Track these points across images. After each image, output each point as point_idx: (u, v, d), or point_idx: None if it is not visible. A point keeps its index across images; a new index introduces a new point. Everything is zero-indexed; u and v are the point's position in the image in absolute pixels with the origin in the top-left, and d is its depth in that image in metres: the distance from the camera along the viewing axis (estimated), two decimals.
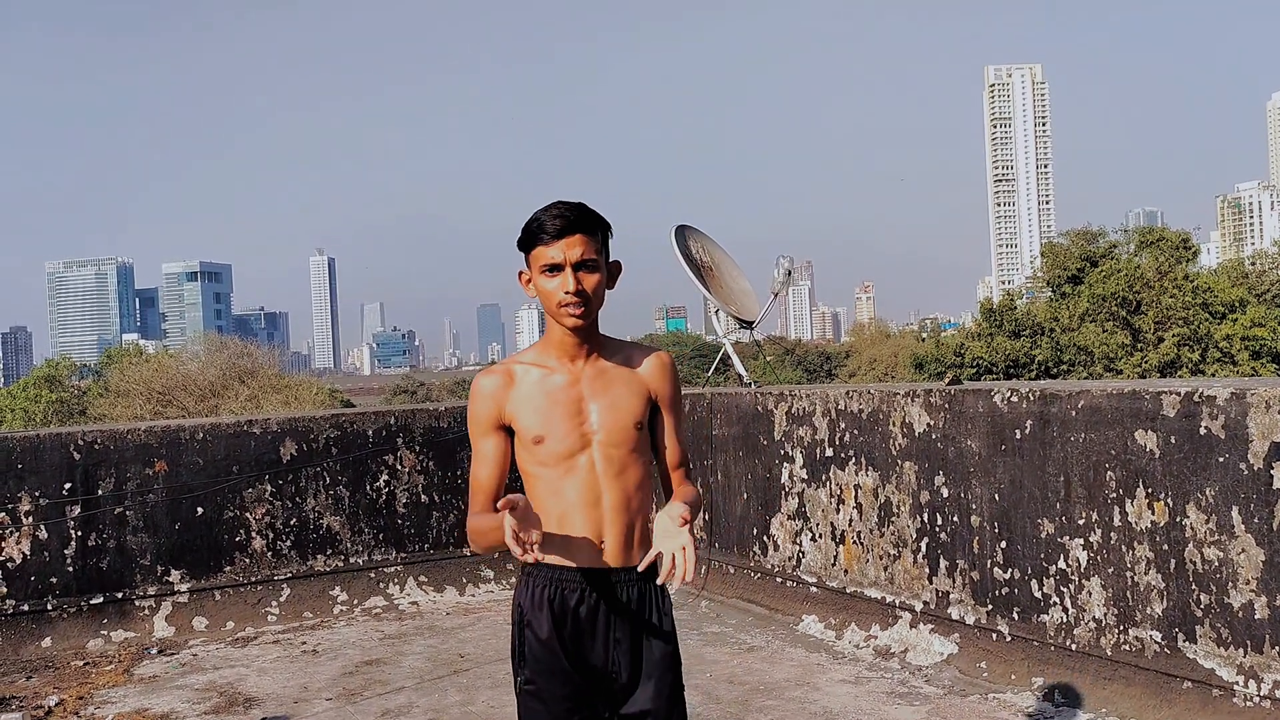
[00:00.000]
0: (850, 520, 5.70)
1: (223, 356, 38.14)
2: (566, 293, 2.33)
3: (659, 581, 2.30)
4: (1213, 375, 31.26)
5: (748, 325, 7.07)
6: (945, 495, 5.11)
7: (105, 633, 5.95)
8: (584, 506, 2.40)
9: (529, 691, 2.42)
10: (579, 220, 2.34)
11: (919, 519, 5.26)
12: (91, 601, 5.99)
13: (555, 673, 2.38)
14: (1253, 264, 42.41)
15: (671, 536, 2.26)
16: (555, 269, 2.34)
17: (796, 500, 6.07)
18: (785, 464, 6.14)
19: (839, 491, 5.77)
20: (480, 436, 2.46)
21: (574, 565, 2.41)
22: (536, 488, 2.44)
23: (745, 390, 6.64)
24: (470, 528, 2.45)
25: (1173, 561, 4.09)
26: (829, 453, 5.83)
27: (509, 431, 2.45)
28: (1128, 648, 4.27)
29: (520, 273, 2.44)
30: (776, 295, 7.20)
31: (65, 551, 5.95)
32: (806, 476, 5.99)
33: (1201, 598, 3.99)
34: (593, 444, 2.41)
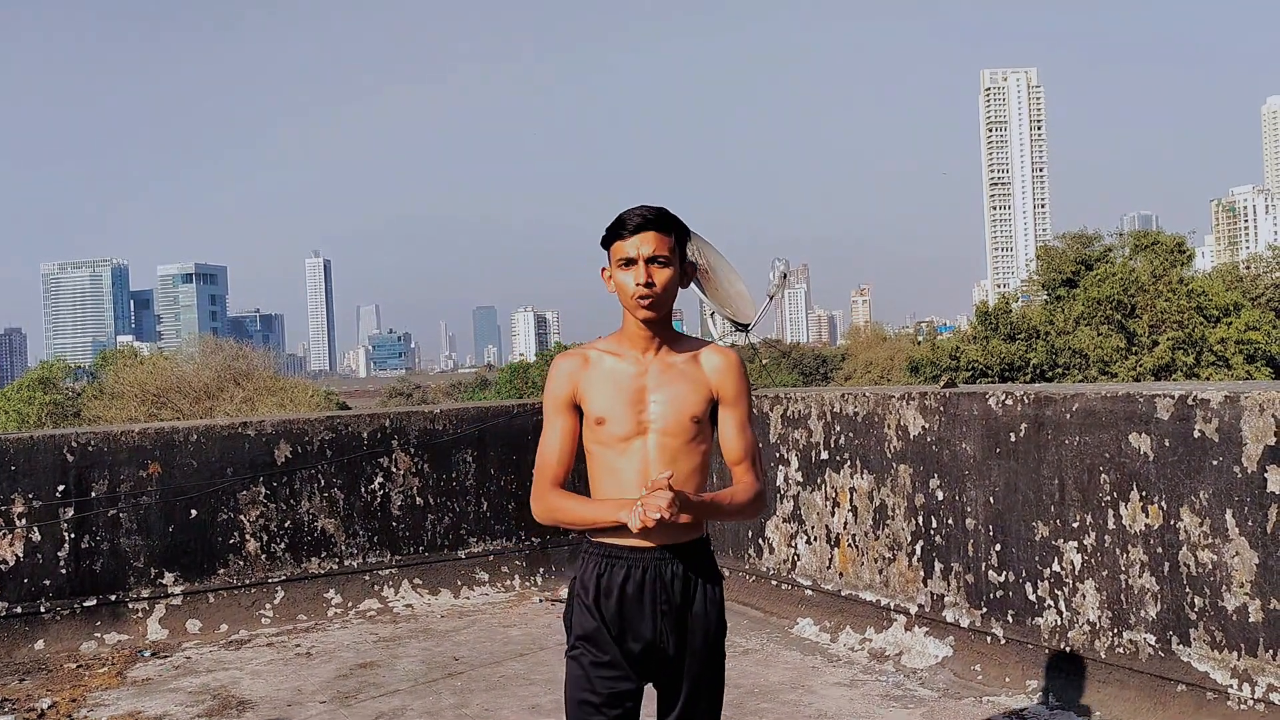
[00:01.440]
0: (845, 523, 5.70)
1: (218, 358, 38.07)
2: (638, 284, 2.52)
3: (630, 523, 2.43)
4: (1207, 379, 31.32)
5: (743, 328, 7.07)
6: (940, 498, 5.11)
7: (98, 635, 5.94)
8: (636, 488, 2.54)
9: (572, 657, 2.59)
10: (655, 220, 2.55)
11: (914, 522, 5.27)
12: (85, 604, 5.97)
13: (598, 642, 2.54)
14: (1247, 268, 42.53)
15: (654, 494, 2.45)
16: (630, 263, 2.54)
17: (792, 503, 6.07)
18: (780, 467, 6.14)
19: (834, 494, 5.77)
20: (554, 413, 2.64)
21: (624, 544, 2.55)
22: (595, 465, 2.62)
23: None
24: (550, 500, 2.59)
25: (1167, 564, 4.09)
26: (824, 455, 5.83)
27: (579, 412, 2.63)
28: (1122, 650, 4.27)
29: (602, 269, 2.64)
30: (772, 298, 7.21)
31: (58, 554, 5.93)
32: (802, 479, 5.99)
33: (1196, 601, 3.99)
34: (649, 431, 2.58)
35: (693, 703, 2.60)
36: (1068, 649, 4.50)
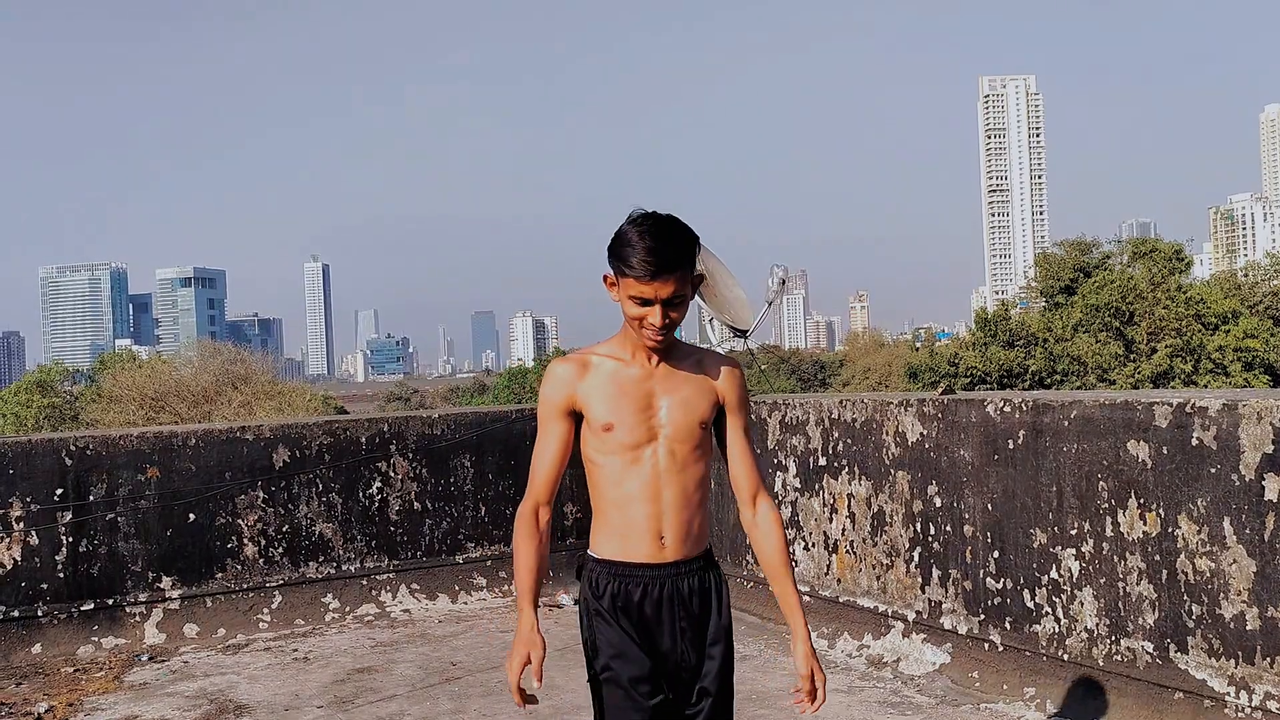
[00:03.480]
0: (843, 529, 5.70)
1: (216, 363, 38.05)
2: (653, 325, 2.41)
3: (799, 707, 2.54)
4: (1205, 386, 31.36)
5: (742, 334, 7.07)
6: (938, 505, 5.12)
7: (96, 639, 5.93)
8: (644, 500, 2.49)
9: (609, 679, 2.49)
10: (675, 259, 2.38)
11: (912, 528, 5.27)
12: (82, 608, 5.97)
13: (631, 659, 2.47)
14: (1245, 275, 42.54)
15: (818, 669, 2.56)
16: (646, 302, 2.41)
17: (789, 509, 6.07)
18: (779, 473, 6.14)
19: (832, 501, 5.77)
20: (548, 419, 2.55)
21: (636, 561, 2.50)
22: (598, 475, 2.53)
23: None
24: (517, 532, 2.57)
25: (1164, 572, 4.10)
26: (822, 462, 5.83)
27: (576, 419, 2.54)
28: (1120, 658, 4.27)
29: (606, 276, 2.50)
30: (771, 304, 7.21)
31: (56, 557, 5.92)
32: (800, 485, 6.00)
33: (1193, 608, 4.00)
34: (659, 438, 2.49)
35: (715, 713, 2.55)
36: (1065, 656, 4.50)
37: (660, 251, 2.36)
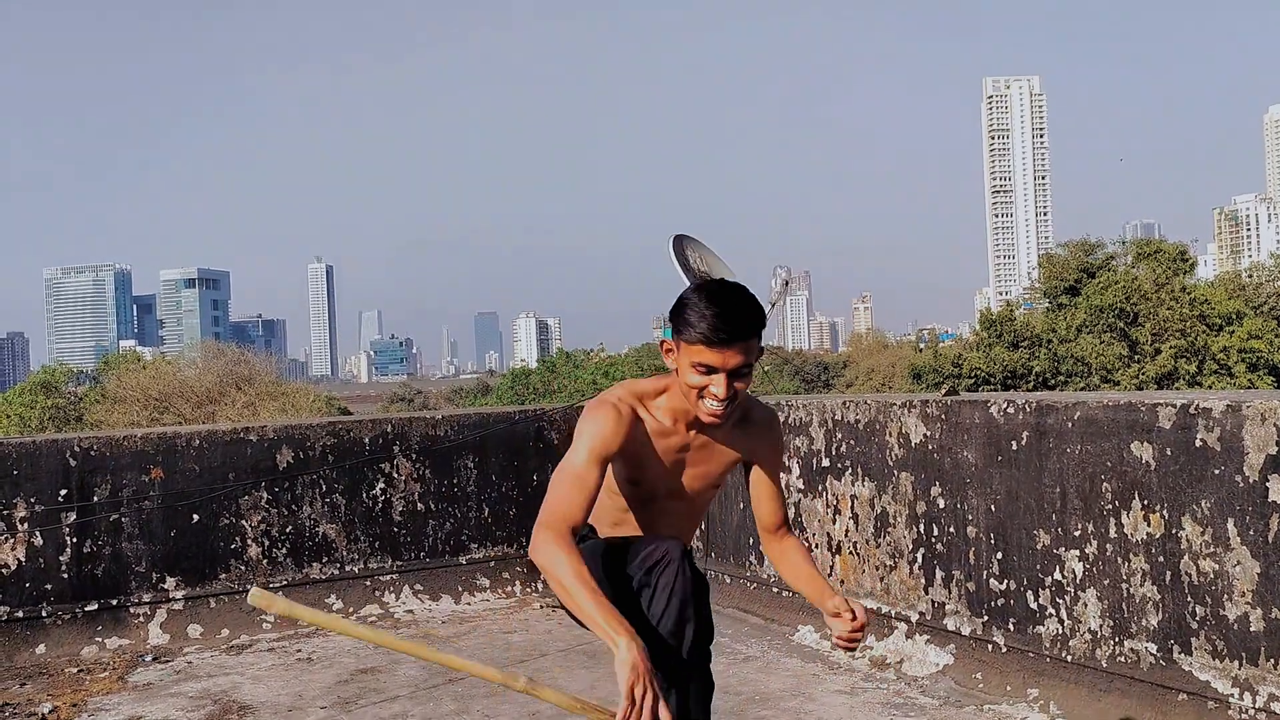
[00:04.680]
0: (846, 530, 5.70)
1: (220, 363, 38.14)
2: (715, 395, 2.32)
3: (839, 630, 2.65)
4: (1210, 387, 31.32)
5: None
6: (942, 506, 5.12)
7: (100, 640, 5.94)
8: (648, 530, 2.56)
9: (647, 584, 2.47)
10: (747, 326, 2.31)
11: (915, 530, 5.27)
12: (86, 608, 5.98)
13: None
14: (1249, 276, 42.46)
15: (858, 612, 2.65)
16: (710, 370, 2.31)
17: (792, 510, 6.07)
18: (781, 474, 6.14)
19: (835, 502, 5.77)
20: (591, 460, 2.34)
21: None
22: (606, 505, 2.55)
23: None
24: (555, 551, 2.19)
25: (1168, 573, 4.09)
26: (825, 463, 5.83)
27: (608, 463, 2.44)
28: (1123, 659, 4.27)
29: (663, 342, 2.42)
30: (774, 305, 7.22)
31: (60, 558, 5.94)
32: (803, 486, 6.00)
33: (1197, 610, 3.99)
34: (682, 496, 2.56)
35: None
36: (1069, 658, 4.49)
37: (731, 318, 2.27)
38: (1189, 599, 4.02)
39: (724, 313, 2.27)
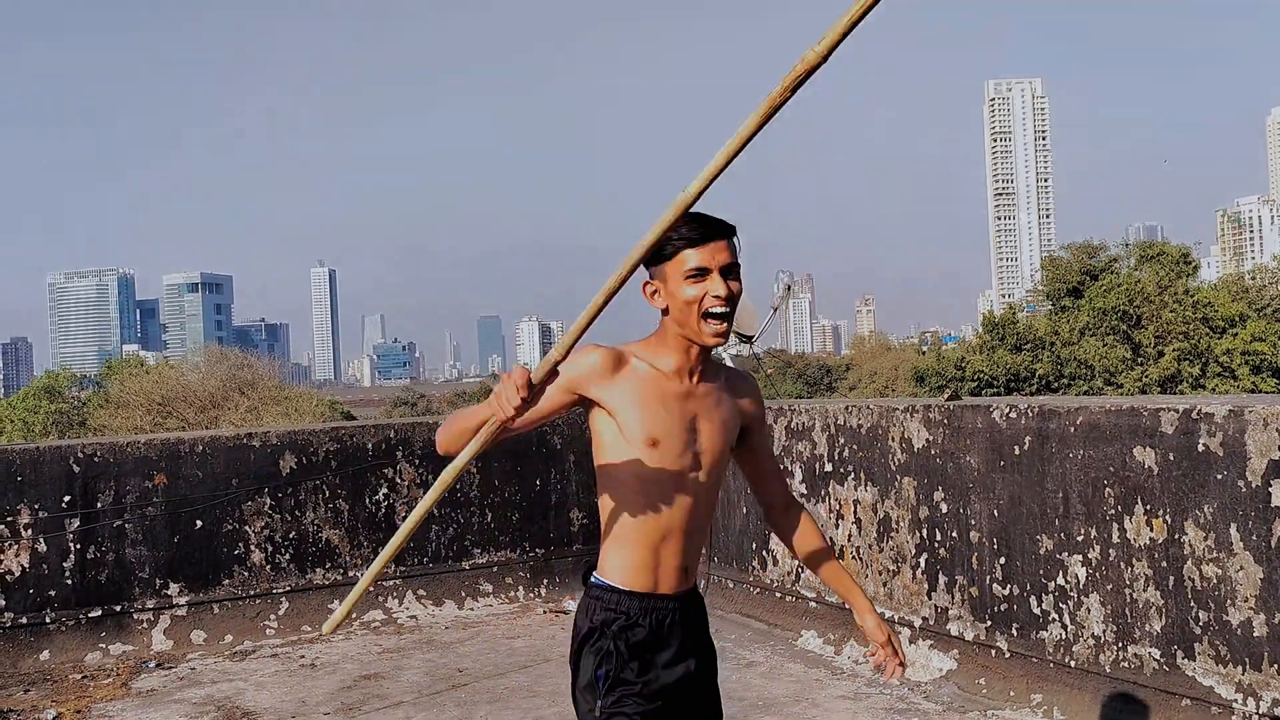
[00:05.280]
0: (849, 535, 5.70)
1: (223, 368, 38.17)
2: (716, 297, 2.21)
3: (884, 675, 2.54)
4: (1213, 389, 31.25)
5: (748, 339, 7.08)
6: (944, 511, 5.11)
7: (103, 646, 5.94)
8: (684, 529, 2.32)
9: (612, 713, 2.28)
10: (724, 226, 2.27)
11: (918, 534, 5.26)
12: (90, 614, 5.99)
13: (643, 695, 2.29)
14: (1253, 279, 42.42)
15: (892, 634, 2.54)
16: (703, 273, 2.23)
17: None
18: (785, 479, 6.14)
19: (838, 507, 5.77)
20: (555, 388, 2.24)
21: (668, 593, 2.34)
22: (636, 504, 2.29)
23: None
24: (450, 420, 2.29)
25: (1171, 578, 4.09)
26: (828, 468, 5.83)
27: (576, 407, 2.31)
28: (1126, 665, 4.26)
29: (645, 283, 2.31)
30: (776, 309, 7.22)
31: (64, 564, 5.94)
32: (806, 491, 5.99)
33: (1200, 615, 3.99)
34: (701, 464, 2.32)
35: None
36: (1073, 663, 4.49)
37: (705, 218, 2.25)
38: (1192, 604, 4.02)
39: (695, 216, 2.24)
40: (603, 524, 2.37)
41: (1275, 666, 3.73)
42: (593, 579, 2.36)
